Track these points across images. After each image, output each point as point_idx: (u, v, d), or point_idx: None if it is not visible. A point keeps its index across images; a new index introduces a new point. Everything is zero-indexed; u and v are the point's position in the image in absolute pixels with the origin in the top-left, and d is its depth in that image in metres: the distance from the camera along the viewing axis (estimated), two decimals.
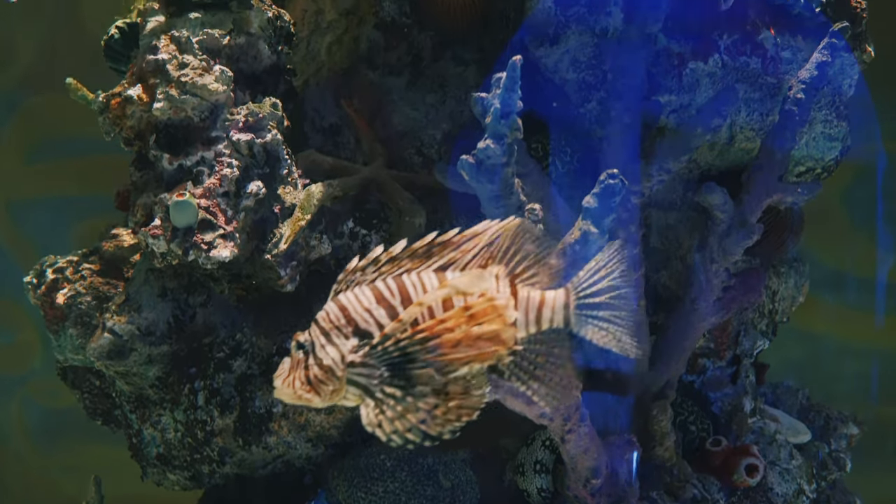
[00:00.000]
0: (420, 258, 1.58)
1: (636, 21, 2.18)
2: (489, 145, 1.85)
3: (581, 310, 1.62)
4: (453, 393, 1.54)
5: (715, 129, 2.22)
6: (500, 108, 1.84)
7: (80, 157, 3.57)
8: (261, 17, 2.21)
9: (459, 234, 1.58)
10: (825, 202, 2.49)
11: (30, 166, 3.76)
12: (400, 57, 2.36)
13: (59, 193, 3.73)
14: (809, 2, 2.34)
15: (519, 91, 1.83)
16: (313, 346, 1.57)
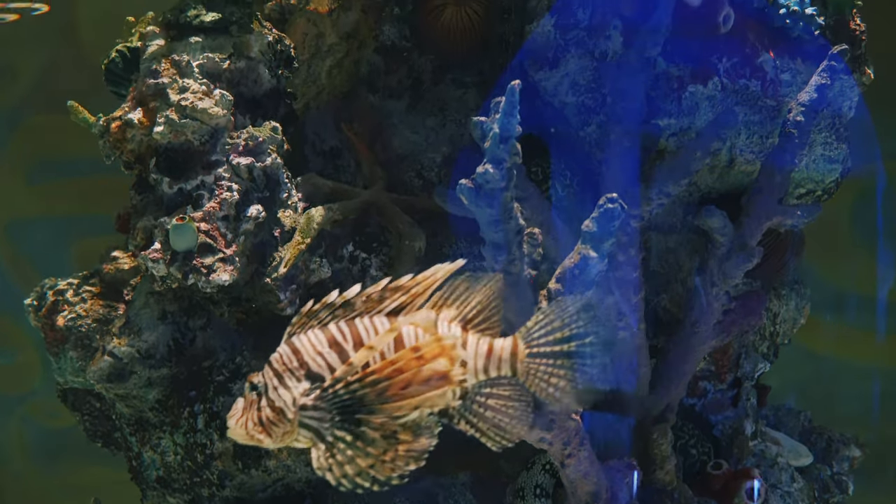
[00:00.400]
0: (374, 302, 1.60)
1: (635, 45, 2.18)
2: (488, 170, 1.85)
3: (530, 359, 1.63)
4: (402, 438, 1.57)
5: (714, 152, 2.22)
6: (499, 133, 1.84)
7: (80, 177, 3.58)
8: (261, 42, 2.22)
9: (412, 279, 1.61)
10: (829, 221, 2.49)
11: (30, 186, 3.77)
12: (400, 80, 2.37)
13: (59, 213, 3.74)
14: (809, 24, 2.35)
15: (518, 116, 1.84)
16: (266, 387, 1.59)
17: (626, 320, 2.21)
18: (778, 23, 2.35)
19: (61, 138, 3.52)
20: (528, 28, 2.23)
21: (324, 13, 2.43)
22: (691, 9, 2.19)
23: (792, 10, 2.34)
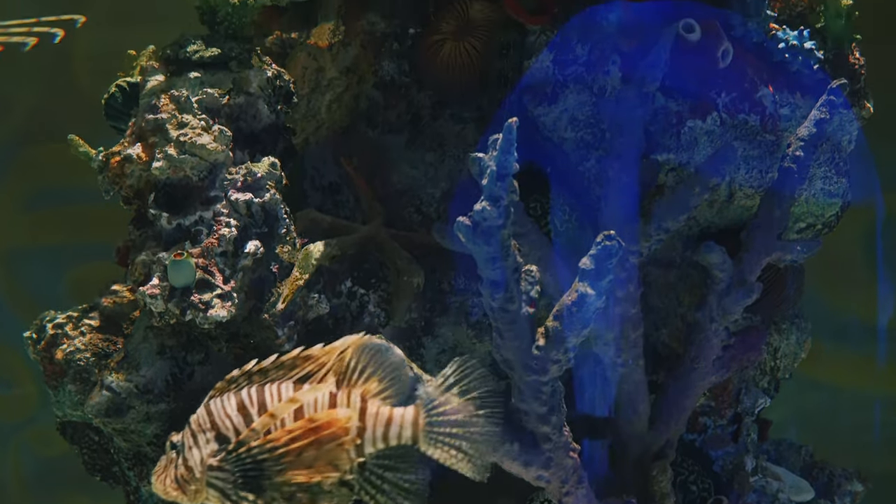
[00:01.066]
0: (286, 369, 1.72)
1: (634, 80, 2.18)
2: (485, 207, 1.85)
3: (431, 427, 1.70)
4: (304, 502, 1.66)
5: (713, 188, 2.22)
6: (497, 171, 1.85)
7: (77, 205, 3.60)
8: (260, 77, 2.22)
9: (322, 349, 1.72)
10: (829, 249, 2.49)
11: (27, 215, 3.79)
12: (399, 115, 2.38)
13: (56, 241, 3.76)
14: (808, 59, 2.35)
15: (515, 153, 1.84)
16: (183, 446, 1.72)
17: (624, 357, 2.21)
18: (777, 57, 2.35)
19: (58, 168, 3.54)
20: (526, 64, 2.23)
21: (324, 47, 2.44)
22: (690, 44, 2.20)
23: (791, 44, 2.35)
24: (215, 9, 2.21)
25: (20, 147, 3.79)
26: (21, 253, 3.84)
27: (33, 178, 3.78)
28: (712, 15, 2.27)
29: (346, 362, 1.73)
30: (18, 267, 3.85)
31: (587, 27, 2.22)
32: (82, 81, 3.70)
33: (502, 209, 1.85)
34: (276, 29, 2.57)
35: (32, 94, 3.76)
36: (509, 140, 1.83)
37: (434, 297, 2.30)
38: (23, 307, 3.82)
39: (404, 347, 2.21)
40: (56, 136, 3.76)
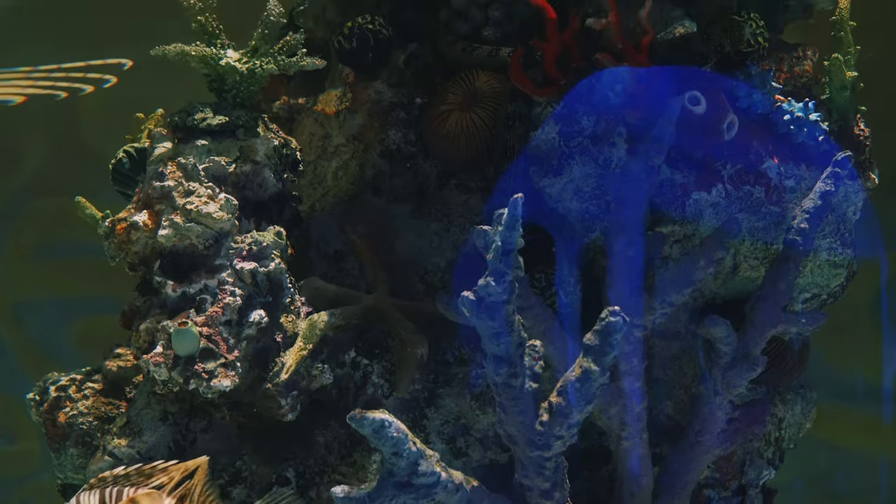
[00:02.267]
0: (144, 477, 1.88)
1: (640, 153, 2.19)
2: (490, 283, 1.85)
3: None
4: None
5: (718, 261, 2.21)
6: (502, 246, 1.85)
7: (84, 258, 3.62)
8: (267, 146, 2.23)
9: (175, 464, 1.87)
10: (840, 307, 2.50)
11: (35, 267, 3.81)
12: (405, 184, 2.39)
13: (63, 293, 3.78)
14: (813, 130, 2.36)
15: (520, 229, 1.85)
16: None
17: (628, 430, 2.20)
18: (782, 129, 2.36)
19: (65, 220, 3.56)
20: (532, 135, 2.24)
21: (331, 114, 2.46)
22: (696, 116, 2.21)
23: (796, 115, 2.35)
24: (223, 77, 2.22)
25: (29, 199, 3.82)
26: (28, 304, 3.86)
27: (41, 230, 3.80)
28: (718, 87, 2.28)
29: (195, 481, 1.89)
30: (25, 318, 3.86)
31: (593, 99, 2.22)
32: (89, 136, 3.73)
33: (507, 285, 1.85)
34: (283, 94, 2.59)
35: (41, 148, 3.79)
36: (514, 216, 1.84)
37: (438, 367, 2.30)
38: (29, 358, 3.84)
39: (407, 419, 2.22)
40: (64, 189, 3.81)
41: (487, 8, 2.36)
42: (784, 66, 2.52)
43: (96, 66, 3.23)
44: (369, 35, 2.37)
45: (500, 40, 2.36)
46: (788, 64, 2.53)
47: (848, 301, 2.65)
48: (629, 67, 2.23)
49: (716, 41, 2.32)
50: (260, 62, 2.21)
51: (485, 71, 2.34)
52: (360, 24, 2.37)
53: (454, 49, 2.36)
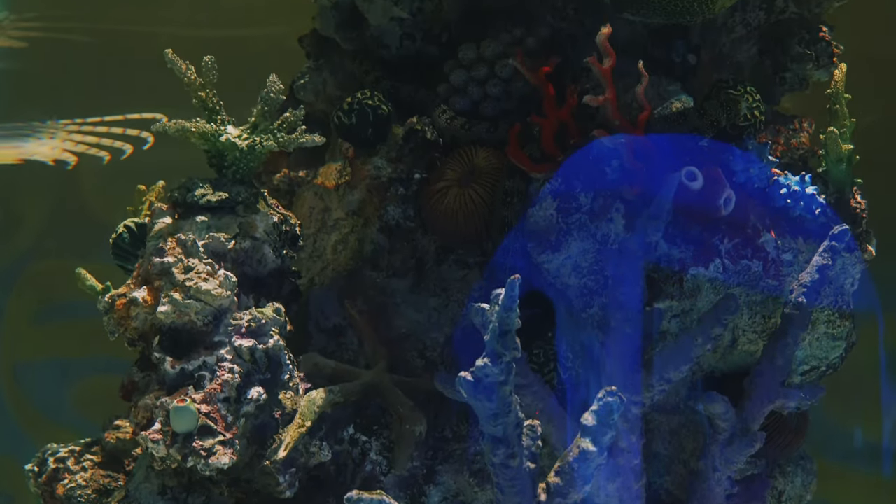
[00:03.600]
0: None
1: (638, 229, 2.20)
2: (487, 364, 1.86)
3: None
4: None
5: (716, 338, 2.22)
6: (499, 327, 1.86)
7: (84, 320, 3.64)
8: (266, 222, 2.24)
9: None
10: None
11: (34, 329, 3.82)
12: (404, 260, 2.39)
13: (62, 355, 3.78)
14: (810, 203, 2.37)
15: (517, 309, 1.85)
16: None
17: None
18: (779, 202, 2.37)
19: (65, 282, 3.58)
20: (530, 212, 2.25)
21: (331, 188, 2.47)
22: (693, 192, 2.22)
23: (793, 189, 2.37)
24: (223, 153, 2.24)
25: (29, 262, 3.84)
26: (27, 366, 3.86)
27: (41, 291, 3.81)
28: (715, 162, 2.29)
29: None
30: (24, 379, 3.87)
31: (590, 175, 2.24)
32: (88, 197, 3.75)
33: (504, 366, 1.86)
34: (284, 166, 2.61)
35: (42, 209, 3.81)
36: (511, 297, 1.85)
37: (436, 444, 2.30)
38: (28, 420, 3.84)
39: (406, 496, 2.22)
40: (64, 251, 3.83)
41: (485, 84, 2.39)
42: (781, 138, 2.55)
43: (133, 120, 3.29)
44: (369, 111, 2.38)
45: (498, 116, 2.38)
46: (785, 136, 2.55)
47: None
48: (626, 143, 2.24)
49: (712, 116, 2.34)
50: (260, 139, 2.22)
51: (483, 147, 2.36)
52: (360, 99, 2.39)
53: (453, 125, 2.38)
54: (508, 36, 2.40)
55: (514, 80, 2.37)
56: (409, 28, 2.49)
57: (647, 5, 2.26)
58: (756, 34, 2.56)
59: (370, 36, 2.53)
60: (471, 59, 2.40)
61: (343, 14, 2.53)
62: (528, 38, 2.39)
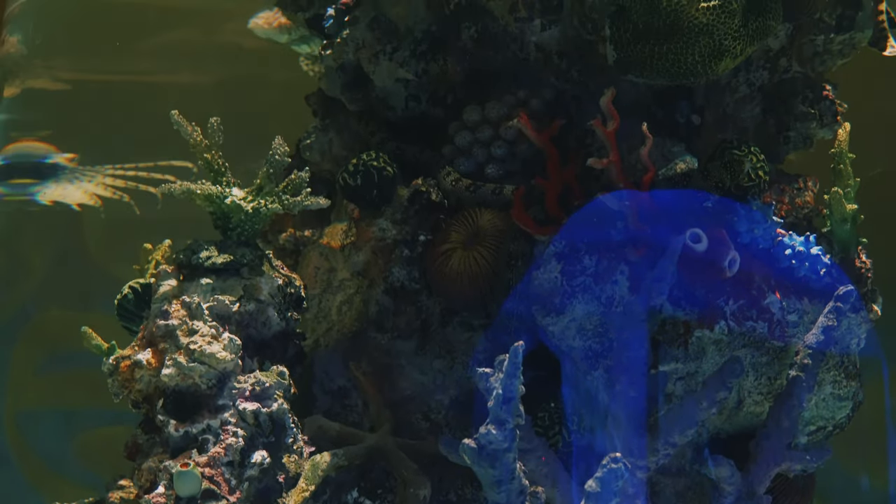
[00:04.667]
0: None
1: (642, 291, 2.20)
2: (491, 431, 1.86)
3: None
4: None
5: (721, 401, 2.21)
6: (503, 394, 1.86)
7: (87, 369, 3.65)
8: (271, 285, 2.25)
9: None
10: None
11: (38, 378, 3.82)
12: (408, 321, 2.39)
13: (66, 405, 3.78)
14: (815, 264, 2.37)
15: (521, 377, 1.85)
16: None
17: None
18: (784, 263, 2.37)
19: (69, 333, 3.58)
20: (534, 274, 2.26)
21: (336, 248, 2.48)
22: (697, 254, 2.22)
23: (798, 250, 2.37)
24: (228, 215, 2.25)
25: (34, 309, 3.85)
26: (32, 415, 3.86)
27: (45, 341, 3.82)
28: (719, 223, 2.30)
29: None
30: (28, 429, 3.86)
31: (595, 238, 2.24)
32: (92, 246, 3.77)
33: (508, 433, 1.86)
34: (289, 226, 2.61)
35: (47, 258, 3.83)
36: (515, 364, 1.85)
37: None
38: (32, 470, 3.83)
39: None
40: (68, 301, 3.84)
41: (490, 146, 2.40)
42: (785, 197, 2.55)
43: (164, 167, 3.32)
44: (374, 172, 2.39)
45: (503, 178, 2.39)
46: (790, 195, 2.56)
47: None
48: (630, 204, 2.25)
49: (716, 177, 2.34)
50: (265, 201, 2.23)
51: (488, 209, 2.36)
52: (365, 160, 2.40)
53: (458, 187, 2.39)
54: (513, 98, 2.42)
55: (519, 142, 2.38)
56: (415, 89, 2.51)
57: (651, 68, 2.28)
58: (760, 94, 2.57)
59: (376, 97, 2.55)
60: (475, 121, 2.42)
61: (349, 75, 2.55)
62: (533, 100, 2.41)
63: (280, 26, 3.15)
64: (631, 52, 2.27)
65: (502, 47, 2.43)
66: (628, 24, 2.26)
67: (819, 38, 2.62)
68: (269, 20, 3.17)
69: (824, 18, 2.60)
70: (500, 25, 2.41)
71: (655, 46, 2.26)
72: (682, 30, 2.25)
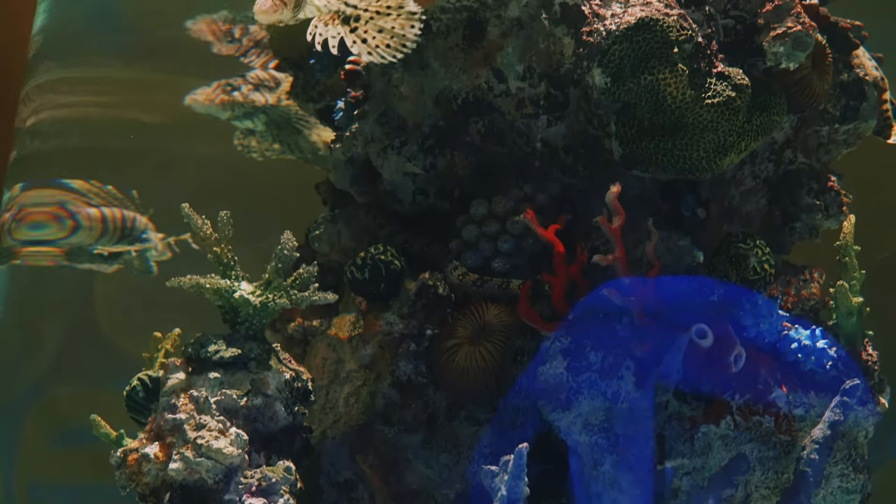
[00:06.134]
0: None
1: (647, 387, 2.21)
2: None
3: None
4: None
5: (727, 499, 2.21)
6: (507, 496, 1.87)
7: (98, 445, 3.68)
8: (278, 379, 2.26)
9: None
10: None
11: (50, 453, 3.84)
12: (415, 415, 2.39)
13: (76, 481, 3.79)
14: (821, 358, 2.37)
15: (525, 478, 1.86)
16: None
17: None
18: (790, 357, 2.38)
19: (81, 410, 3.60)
20: (540, 369, 2.26)
21: (344, 339, 2.49)
22: (703, 349, 2.23)
23: (804, 343, 2.37)
24: (237, 309, 2.26)
25: (47, 387, 3.87)
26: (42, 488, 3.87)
27: (57, 417, 3.84)
28: (725, 318, 2.31)
29: None
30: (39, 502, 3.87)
31: (601, 334, 2.25)
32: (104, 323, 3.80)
33: None
34: (298, 315, 2.63)
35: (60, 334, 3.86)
36: (520, 465, 1.86)
37: None
38: None
39: None
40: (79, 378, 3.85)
41: (497, 240, 2.42)
42: (791, 289, 2.56)
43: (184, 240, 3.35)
44: (381, 266, 2.41)
45: (510, 272, 2.41)
46: (796, 287, 2.57)
47: None
48: (636, 300, 2.26)
49: (721, 272, 2.36)
50: (273, 296, 2.25)
51: (494, 303, 2.37)
52: (373, 254, 2.42)
53: (464, 281, 2.40)
54: (519, 192, 2.44)
55: (526, 237, 2.40)
56: (423, 183, 2.54)
57: (656, 163, 2.30)
58: (765, 185, 2.59)
59: (384, 190, 2.57)
60: (482, 215, 2.44)
61: (357, 168, 2.58)
62: (539, 195, 2.43)
63: (223, 102, 3.21)
64: (636, 148, 2.30)
65: (509, 142, 2.46)
66: (633, 120, 2.29)
67: (824, 128, 2.64)
68: (210, 96, 3.21)
69: (829, 109, 2.62)
70: (507, 121, 2.44)
71: (660, 143, 2.29)
72: (687, 126, 2.28)
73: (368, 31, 2.03)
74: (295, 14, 2.06)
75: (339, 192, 2.68)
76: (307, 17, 2.10)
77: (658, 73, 2.25)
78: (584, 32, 2.29)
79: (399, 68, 2.49)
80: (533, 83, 2.39)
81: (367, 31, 2.03)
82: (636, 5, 2.29)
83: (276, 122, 3.24)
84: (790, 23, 2.36)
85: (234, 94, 3.19)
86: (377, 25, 2.04)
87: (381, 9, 2.02)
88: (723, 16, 2.39)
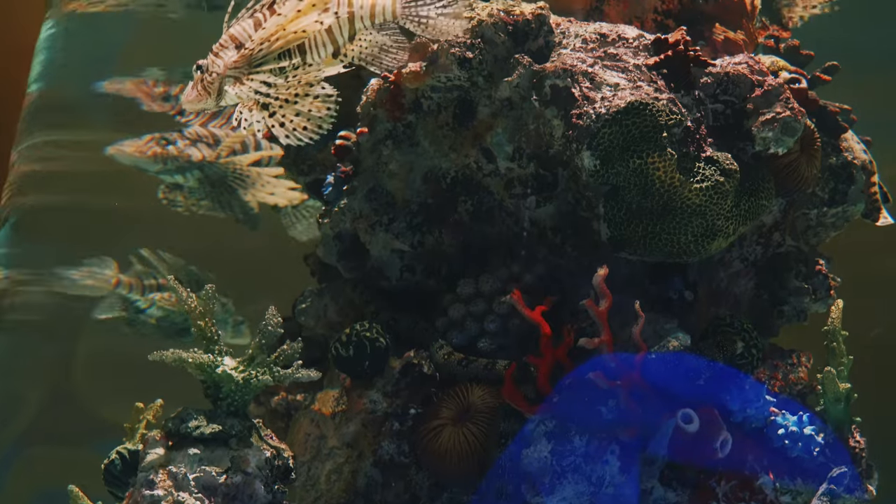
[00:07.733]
0: None
1: (632, 472, 2.18)
2: None
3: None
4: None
5: None
6: None
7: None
8: (259, 457, 2.23)
9: None
10: None
11: None
12: (397, 495, 2.36)
13: None
14: (808, 444, 2.35)
15: None
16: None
17: None
18: (777, 443, 2.35)
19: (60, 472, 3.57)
20: (524, 453, 2.24)
21: (328, 415, 2.47)
22: (689, 434, 2.21)
23: (791, 430, 2.35)
24: (219, 385, 2.24)
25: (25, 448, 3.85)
26: None
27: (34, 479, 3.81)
28: (711, 403, 2.29)
29: None
30: None
31: (586, 417, 2.23)
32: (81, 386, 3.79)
33: None
34: (282, 389, 2.61)
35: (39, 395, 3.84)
36: None
37: None
38: None
39: None
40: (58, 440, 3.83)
41: (483, 320, 2.40)
42: (779, 373, 2.55)
43: None
44: (366, 343, 2.40)
45: (495, 352, 2.39)
46: (783, 371, 2.56)
47: None
48: (622, 383, 2.24)
49: (708, 356, 2.34)
50: (256, 373, 2.23)
51: (479, 385, 2.35)
52: (359, 331, 2.40)
53: (450, 361, 2.38)
54: (507, 271, 2.43)
55: (512, 317, 2.39)
56: (410, 260, 2.53)
57: (644, 246, 2.30)
58: (753, 268, 2.59)
59: (371, 266, 2.56)
60: (469, 294, 2.43)
61: (345, 244, 2.57)
62: (526, 275, 2.42)
63: (155, 155, 3.22)
64: (624, 230, 2.30)
65: (497, 221, 2.46)
66: (622, 203, 2.29)
67: (812, 211, 2.65)
68: (142, 148, 3.23)
69: (817, 192, 2.63)
70: (496, 200, 2.44)
71: (649, 226, 2.29)
72: (675, 210, 2.28)
73: (286, 115, 2.21)
74: (217, 102, 2.22)
75: (327, 265, 2.67)
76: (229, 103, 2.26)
77: (647, 156, 2.26)
78: (573, 115, 2.30)
79: (389, 145, 2.49)
80: (522, 164, 2.39)
81: (285, 116, 2.21)
82: (626, 89, 2.30)
83: (210, 179, 3.27)
84: (779, 108, 2.37)
85: (168, 147, 3.21)
86: (294, 109, 2.21)
87: (290, 97, 2.21)
88: (712, 100, 2.40)
